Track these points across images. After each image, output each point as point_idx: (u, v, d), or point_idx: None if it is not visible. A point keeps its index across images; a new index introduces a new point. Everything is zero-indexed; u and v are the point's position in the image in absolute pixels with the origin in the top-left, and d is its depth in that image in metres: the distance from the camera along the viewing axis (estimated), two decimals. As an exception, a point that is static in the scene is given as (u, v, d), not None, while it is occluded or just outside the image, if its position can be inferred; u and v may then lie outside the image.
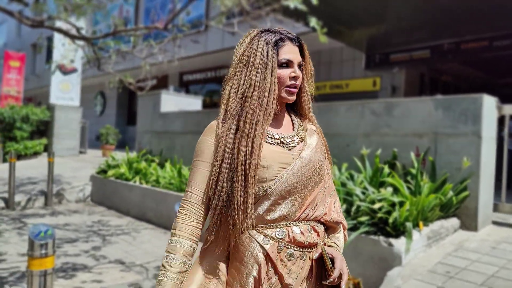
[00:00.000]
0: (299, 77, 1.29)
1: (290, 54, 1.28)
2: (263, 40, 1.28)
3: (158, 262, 4.36)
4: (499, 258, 3.56)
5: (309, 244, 1.25)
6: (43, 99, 21.15)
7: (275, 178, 1.23)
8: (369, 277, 3.57)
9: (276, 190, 1.22)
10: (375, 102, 5.13)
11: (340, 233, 1.37)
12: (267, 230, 1.22)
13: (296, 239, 1.23)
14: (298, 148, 1.30)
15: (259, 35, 1.30)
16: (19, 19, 5.93)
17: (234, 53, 1.33)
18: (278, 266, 1.21)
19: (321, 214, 1.30)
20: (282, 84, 1.28)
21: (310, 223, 1.28)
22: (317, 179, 1.30)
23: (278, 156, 1.25)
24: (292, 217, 1.25)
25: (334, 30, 8.91)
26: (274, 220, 1.23)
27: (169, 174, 6.68)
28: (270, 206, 1.23)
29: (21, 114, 11.22)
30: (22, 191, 7.48)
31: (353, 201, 4.03)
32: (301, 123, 1.38)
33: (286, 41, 1.29)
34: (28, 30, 21.59)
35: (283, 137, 1.29)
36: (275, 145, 1.27)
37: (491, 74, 12.02)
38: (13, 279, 3.71)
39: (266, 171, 1.22)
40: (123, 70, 11.93)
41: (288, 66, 1.28)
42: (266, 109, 1.24)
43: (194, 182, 1.26)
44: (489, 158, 4.40)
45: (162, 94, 8.60)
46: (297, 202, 1.25)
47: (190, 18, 11.80)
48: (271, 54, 1.26)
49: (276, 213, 1.23)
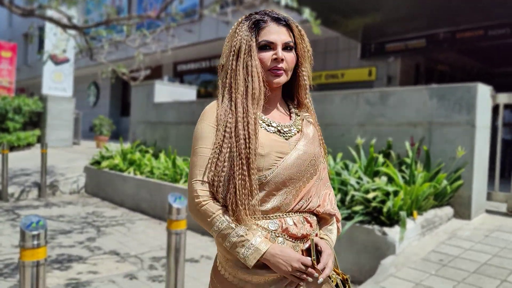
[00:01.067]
0: (281, 59, 1.23)
1: (271, 35, 1.22)
2: (246, 25, 1.25)
3: (153, 253, 4.36)
4: (491, 246, 3.58)
5: (302, 235, 1.23)
6: (36, 90, 20.95)
7: (272, 168, 1.20)
8: (363, 265, 3.59)
9: (272, 181, 1.20)
10: (370, 92, 5.11)
11: (332, 225, 1.35)
12: (260, 221, 1.20)
13: (289, 231, 1.21)
14: (295, 138, 1.27)
15: (243, 21, 1.27)
16: (9, 8, 5.83)
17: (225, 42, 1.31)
18: None
19: (314, 206, 1.28)
20: (265, 67, 1.23)
21: (303, 214, 1.26)
22: (313, 170, 1.28)
23: (276, 144, 1.22)
24: (286, 208, 1.22)
25: (329, 20, 8.85)
26: (268, 211, 1.21)
27: (164, 164, 6.66)
28: (264, 197, 1.20)
29: (13, 105, 11.11)
30: (15, 183, 7.43)
31: (348, 191, 4.03)
32: (298, 113, 1.35)
33: (269, 22, 1.24)
34: (19, 19, 21.28)
35: (281, 125, 1.27)
36: (272, 133, 1.24)
37: (486, 63, 12.03)
38: (8, 271, 3.70)
39: (263, 159, 1.19)
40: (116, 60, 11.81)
41: (270, 48, 1.23)
42: (254, 93, 1.20)
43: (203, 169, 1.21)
44: (483, 147, 4.41)
45: (156, 84, 8.53)
46: (291, 193, 1.23)
47: (183, 7, 11.67)
48: (249, 37, 1.22)
49: (269, 204, 1.21)
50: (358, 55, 11.12)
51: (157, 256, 4.26)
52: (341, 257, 3.73)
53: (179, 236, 2.85)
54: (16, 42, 17.27)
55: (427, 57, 11.51)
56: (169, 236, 2.87)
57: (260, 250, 1.13)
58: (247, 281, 1.19)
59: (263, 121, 1.25)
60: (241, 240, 1.14)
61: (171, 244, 2.86)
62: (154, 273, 3.79)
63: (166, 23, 7.08)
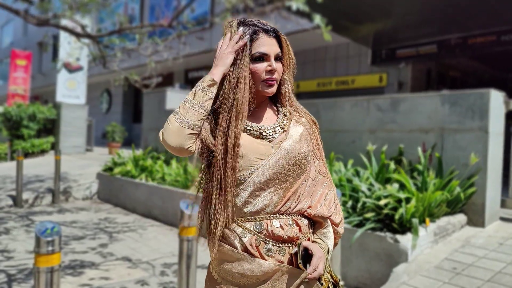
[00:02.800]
0: (275, 70, 1.26)
1: (264, 47, 1.25)
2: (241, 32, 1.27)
3: (165, 259, 4.38)
4: (506, 254, 3.53)
5: (289, 238, 1.22)
6: (50, 97, 21.30)
7: (251, 169, 1.22)
8: (375, 273, 3.56)
9: (252, 181, 1.21)
10: (381, 98, 5.10)
11: (327, 229, 1.31)
12: (246, 223, 1.22)
13: (274, 233, 1.21)
14: (278, 139, 1.28)
15: (235, 28, 1.28)
16: (25, 17, 5.96)
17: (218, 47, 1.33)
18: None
19: (304, 207, 1.27)
20: (258, 78, 1.26)
21: (292, 217, 1.25)
22: (299, 170, 1.27)
23: (255, 146, 1.24)
24: (272, 210, 1.23)
25: (340, 26, 8.86)
26: (253, 213, 1.22)
27: (175, 171, 6.70)
28: (248, 198, 1.22)
29: (28, 112, 11.30)
30: (29, 189, 7.55)
31: (359, 198, 4.01)
32: (286, 114, 1.35)
33: (260, 33, 1.26)
34: (34, 28, 21.72)
35: (263, 128, 1.28)
36: (255, 137, 1.27)
37: (499, 68, 11.90)
38: (22, 276, 3.75)
39: (241, 160, 1.21)
40: (128, 68, 11.97)
41: (263, 60, 1.26)
42: (239, 105, 1.22)
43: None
44: (496, 153, 4.36)
45: (167, 91, 8.62)
46: (278, 194, 1.23)
47: (195, 15, 11.79)
48: (244, 48, 1.25)
49: (254, 205, 1.22)
50: (368, 61, 11.08)
51: (168, 262, 4.28)
52: (353, 265, 3.70)
53: (191, 242, 2.86)
54: (31, 51, 17.63)
55: (438, 63, 11.43)
56: (181, 242, 2.88)
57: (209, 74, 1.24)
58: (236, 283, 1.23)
59: (246, 127, 1.27)
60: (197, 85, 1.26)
61: (182, 250, 2.87)
62: (165, 279, 3.81)
63: (177, 31, 7.16)
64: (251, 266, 1.19)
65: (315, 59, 12.52)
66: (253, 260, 1.19)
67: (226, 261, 1.23)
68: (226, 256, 1.23)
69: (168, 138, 1.21)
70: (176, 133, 1.21)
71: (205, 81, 1.25)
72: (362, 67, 11.65)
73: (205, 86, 1.24)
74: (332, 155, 4.59)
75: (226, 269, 1.23)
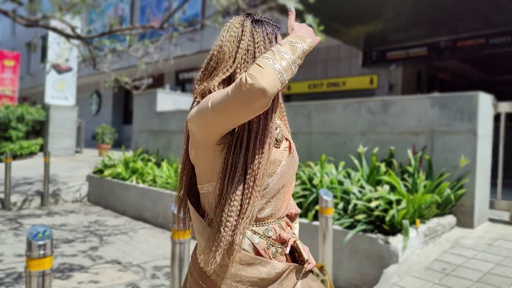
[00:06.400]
0: None
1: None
2: (262, 32, 1.25)
3: (156, 262, 4.36)
4: (495, 255, 3.58)
5: (286, 239, 1.28)
6: (38, 99, 21.05)
7: (272, 175, 1.22)
8: (366, 274, 3.58)
9: (272, 188, 1.23)
10: (372, 100, 5.14)
11: (297, 223, 1.44)
12: (256, 228, 1.23)
13: (281, 236, 1.26)
14: (283, 146, 1.29)
15: (252, 26, 1.25)
16: (14, 18, 5.89)
17: (230, 44, 1.23)
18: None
19: (290, 209, 1.35)
20: None
21: (285, 219, 1.32)
22: (294, 176, 1.34)
23: (275, 152, 1.24)
24: (277, 215, 1.27)
25: (331, 28, 8.92)
26: (263, 218, 1.24)
27: (166, 173, 6.67)
28: (264, 205, 1.23)
29: (16, 113, 11.16)
30: (18, 192, 7.45)
31: (350, 200, 4.04)
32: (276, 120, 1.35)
33: (277, 32, 1.29)
34: (22, 29, 21.48)
35: (276, 133, 1.28)
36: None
37: (487, 71, 12.07)
38: (10, 280, 3.70)
39: (269, 164, 1.21)
40: (118, 69, 11.90)
41: None
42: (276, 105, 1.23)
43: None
44: (485, 155, 4.42)
45: (158, 92, 8.57)
46: (280, 199, 1.27)
47: (186, 17, 11.76)
48: (267, 44, 1.24)
49: (266, 211, 1.24)
50: (359, 63, 11.17)
51: (159, 265, 4.26)
52: (344, 266, 3.72)
53: (183, 245, 2.85)
54: (19, 51, 17.40)
55: (428, 65, 11.56)
56: (173, 245, 2.87)
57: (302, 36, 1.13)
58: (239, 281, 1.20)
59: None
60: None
61: (175, 253, 2.86)
62: (156, 282, 3.79)
63: (168, 33, 7.14)
64: (268, 270, 1.21)
65: (306, 61, 12.56)
66: (268, 263, 1.21)
67: (241, 266, 1.20)
68: (241, 262, 1.20)
69: (263, 79, 0.99)
70: (273, 77, 1.02)
71: (306, 43, 1.12)
72: (353, 69, 11.74)
73: (306, 49, 1.12)
74: (323, 157, 4.61)
75: (240, 274, 1.19)
